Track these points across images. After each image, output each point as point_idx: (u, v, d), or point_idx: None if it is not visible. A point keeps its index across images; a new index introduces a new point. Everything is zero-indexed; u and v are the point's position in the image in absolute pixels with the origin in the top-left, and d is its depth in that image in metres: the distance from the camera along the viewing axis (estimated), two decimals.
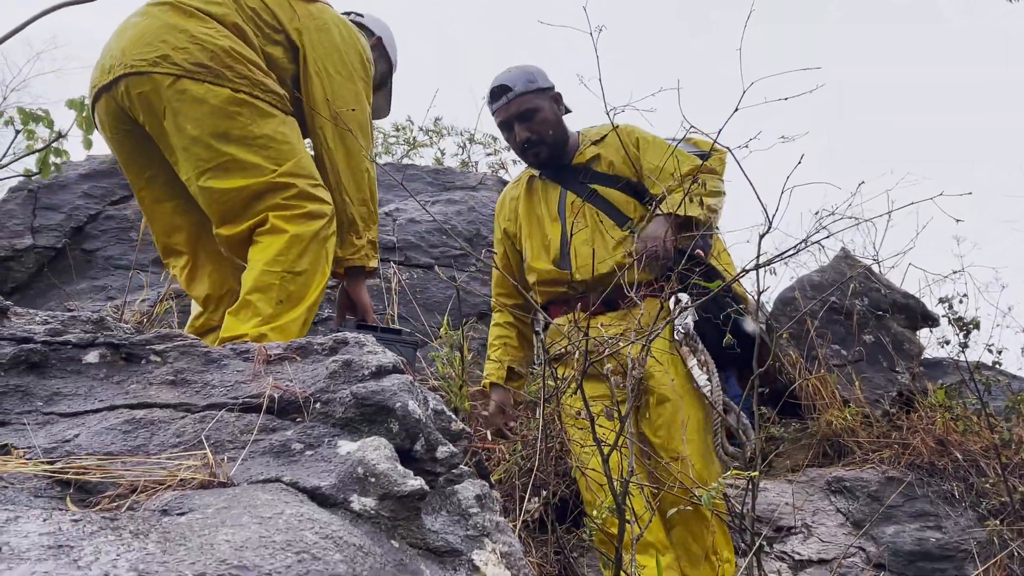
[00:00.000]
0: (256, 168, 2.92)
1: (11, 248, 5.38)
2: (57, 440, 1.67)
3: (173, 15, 2.98)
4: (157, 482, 1.52)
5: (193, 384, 1.90)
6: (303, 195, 2.96)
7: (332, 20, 3.25)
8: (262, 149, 2.94)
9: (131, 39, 2.95)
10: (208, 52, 2.92)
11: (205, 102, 2.88)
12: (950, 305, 4.90)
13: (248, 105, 2.94)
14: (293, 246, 2.87)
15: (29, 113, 4.74)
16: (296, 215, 2.92)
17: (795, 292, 6.46)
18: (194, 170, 2.93)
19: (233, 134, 2.90)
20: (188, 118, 2.89)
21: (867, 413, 5.46)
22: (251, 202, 2.93)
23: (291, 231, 2.88)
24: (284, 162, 2.96)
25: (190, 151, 2.91)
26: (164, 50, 2.88)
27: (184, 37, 2.91)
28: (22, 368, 1.88)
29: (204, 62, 2.90)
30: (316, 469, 1.62)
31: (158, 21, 2.96)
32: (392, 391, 1.82)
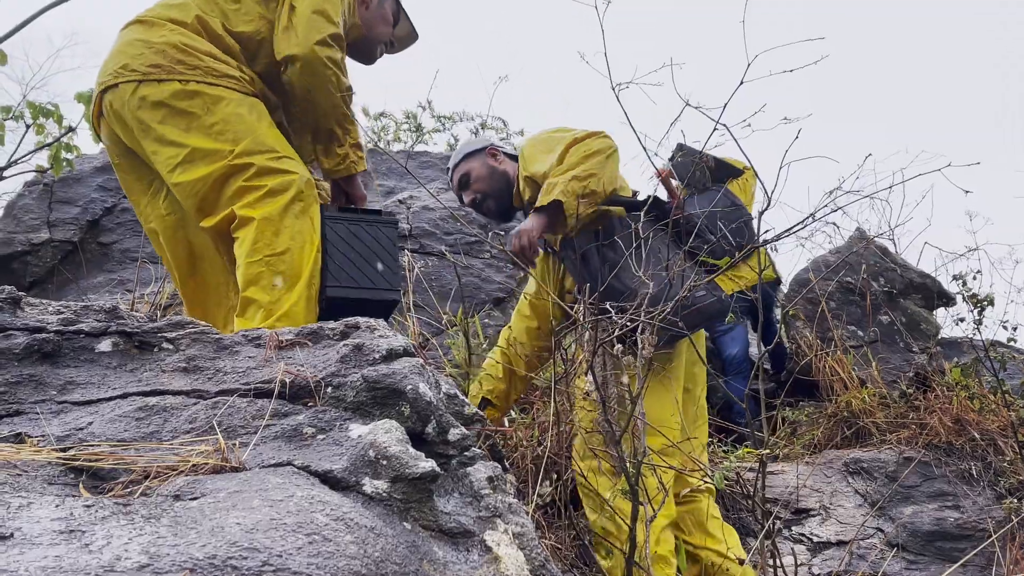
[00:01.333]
0: (216, 154, 2.96)
1: (28, 242, 5.40)
2: (70, 428, 1.68)
3: (136, 30, 3.10)
4: (170, 468, 1.53)
5: (205, 371, 1.91)
6: (262, 171, 2.98)
7: None
8: (219, 135, 2.98)
9: (104, 62, 3.09)
10: (159, 51, 3.01)
11: (161, 103, 2.97)
12: (964, 282, 4.88)
13: (200, 95, 3.00)
14: (265, 229, 2.90)
15: (39, 108, 4.77)
16: (258, 198, 2.95)
17: (809, 273, 6.43)
18: (165, 169, 3.00)
19: (191, 126, 2.98)
20: (150, 121, 2.98)
21: (884, 394, 5.44)
22: (219, 188, 2.98)
23: (257, 216, 2.91)
24: (240, 141, 2.99)
25: (159, 153, 3.00)
26: (123, 60, 3.01)
27: (141, 44, 3.03)
28: (35, 358, 1.89)
29: (157, 62, 2.99)
30: (328, 453, 1.63)
31: (124, 38, 3.09)
32: (403, 374, 1.82)
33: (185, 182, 2.97)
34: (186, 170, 2.96)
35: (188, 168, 2.96)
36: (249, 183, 2.96)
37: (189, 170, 2.96)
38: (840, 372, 5.70)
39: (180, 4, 3.14)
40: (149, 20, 3.11)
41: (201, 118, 2.98)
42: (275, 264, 2.88)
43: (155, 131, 2.98)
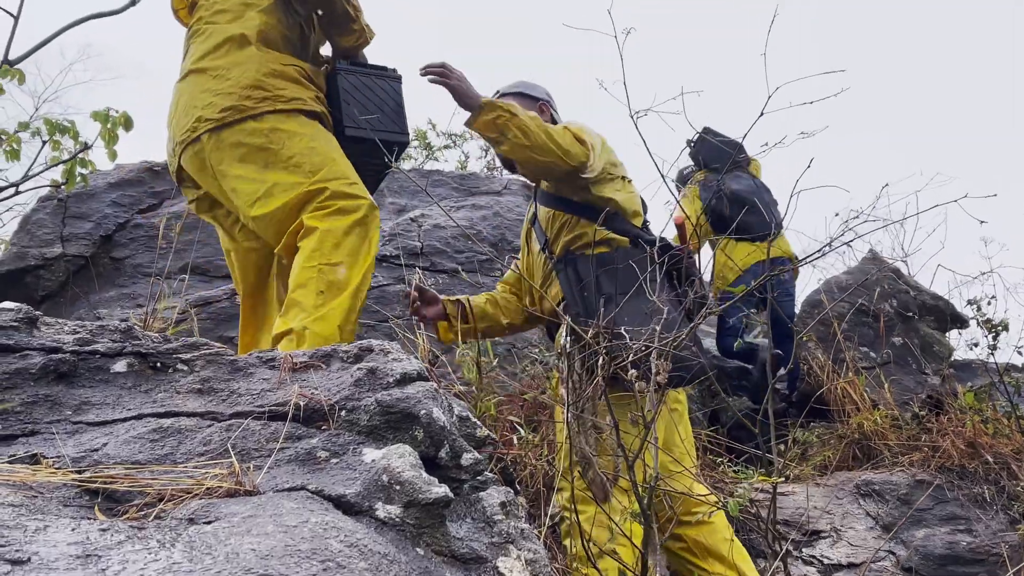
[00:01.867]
0: (293, 185, 3.12)
1: (41, 257, 5.42)
2: (85, 449, 1.69)
3: (198, 82, 3.24)
4: (184, 491, 1.53)
5: (220, 392, 1.91)
6: (335, 195, 3.12)
7: None
8: (296, 168, 3.14)
9: (174, 121, 3.26)
10: (227, 96, 3.15)
11: (239, 143, 3.14)
12: (978, 307, 4.86)
13: (276, 131, 3.16)
14: (326, 240, 3.03)
15: (56, 124, 4.79)
16: (327, 213, 3.08)
17: (822, 295, 6.42)
18: (245, 204, 3.16)
19: (269, 161, 3.14)
20: (231, 161, 3.14)
21: (896, 416, 5.42)
22: (296, 213, 3.12)
23: (321, 227, 3.04)
24: (317, 171, 3.14)
25: (239, 191, 3.16)
26: (196, 113, 3.16)
27: (207, 96, 3.18)
28: (51, 378, 1.90)
29: (228, 104, 3.14)
30: (341, 477, 1.63)
31: (188, 93, 3.23)
32: (417, 398, 1.82)
33: (264, 214, 3.13)
34: (266, 203, 3.12)
35: (267, 200, 3.12)
36: (321, 203, 3.10)
37: (269, 202, 3.12)
38: (852, 393, 5.68)
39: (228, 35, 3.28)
40: (202, 68, 3.25)
41: (278, 152, 3.14)
42: (327, 273, 3.00)
43: (235, 170, 3.15)
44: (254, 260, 3.41)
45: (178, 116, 3.26)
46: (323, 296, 2.96)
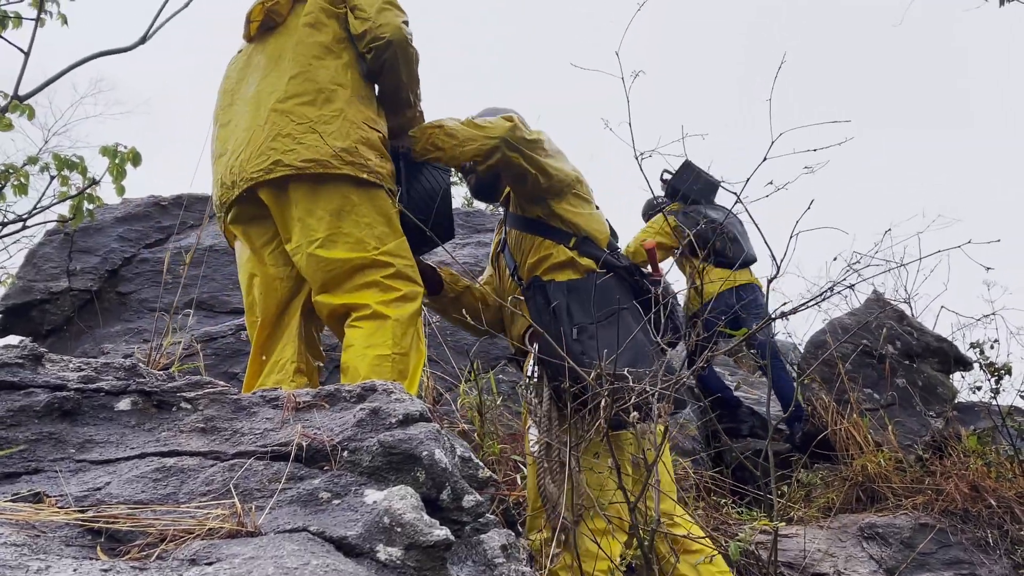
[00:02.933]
0: (361, 243, 3.23)
1: (47, 291, 5.45)
2: (89, 488, 1.69)
3: (276, 121, 3.28)
4: (186, 531, 1.53)
5: (223, 432, 1.92)
6: (399, 275, 3.27)
7: None
8: (368, 228, 3.25)
9: (238, 154, 3.31)
10: (314, 149, 3.22)
11: (320, 184, 3.22)
12: (981, 350, 4.86)
13: (356, 191, 3.26)
14: (397, 330, 3.16)
15: (64, 160, 4.82)
16: (394, 299, 3.22)
17: (827, 335, 6.42)
18: (305, 239, 3.22)
19: (344, 210, 3.23)
20: (305, 196, 3.23)
21: (900, 458, 5.40)
22: (353, 274, 3.22)
23: (392, 316, 3.17)
24: (387, 242, 3.28)
25: (304, 222, 3.22)
26: (275, 156, 3.22)
27: (290, 140, 3.24)
28: (56, 415, 1.91)
29: (317, 159, 3.21)
30: (343, 518, 1.63)
31: (268, 134, 3.27)
32: (419, 439, 1.83)
33: (324, 257, 3.20)
34: (329, 248, 3.20)
35: (331, 246, 3.20)
36: (387, 281, 3.23)
37: (332, 249, 3.20)
38: (856, 435, 5.67)
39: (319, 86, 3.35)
40: (292, 114, 3.30)
41: (357, 207, 3.25)
42: (398, 363, 3.13)
43: (306, 204, 3.23)
44: (278, 289, 3.42)
45: (248, 152, 3.29)
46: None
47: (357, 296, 3.23)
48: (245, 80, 3.49)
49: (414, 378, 3.19)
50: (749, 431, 6.39)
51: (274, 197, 3.27)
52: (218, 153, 3.45)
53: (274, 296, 3.41)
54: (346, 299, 3.23)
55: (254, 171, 3.24)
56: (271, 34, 3.49)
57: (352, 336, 3.18)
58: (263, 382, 3.26)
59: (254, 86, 3.41)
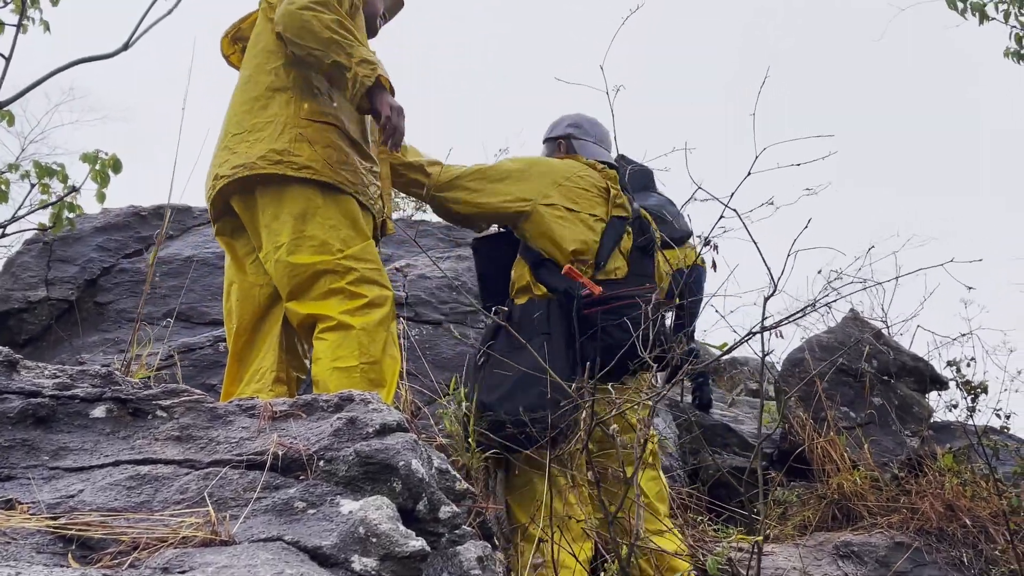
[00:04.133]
0: (325, 246, 3.20)
1: (25, 300, 5.41)
2: (61, 495, 1.68)
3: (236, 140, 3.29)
4: (159, 539, 1.52)
5: (198, 440, 1.91)
6: (364, 280, 3.22)
7: None
8: (333, 230, 3.22)
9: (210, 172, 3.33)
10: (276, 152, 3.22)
11: (284, 189, 3.22)
12: (958, 368, 4.88)
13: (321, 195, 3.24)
14: (363, 338, 3.12)
15: (45, 167, 4.80)
16: (360, 307, 3.17)
17: (804, 353, 6.44)
18: (272, 244, 3.22)
19: (308, 213, 3.21)
20: (271, 202, 3.22)
21: (876, 476, 5.42)
22: (316, 279, 3.20)
23: (357, 325, 3.13)
24: (352, 245, 3.24)
25: (271, 227, 3.22)
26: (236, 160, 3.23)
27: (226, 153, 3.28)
28: (30, 422, 1.89)
29: (240, 163, 3.22)
30: (318, 528, 1.62)
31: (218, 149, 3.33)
32: (396, 449, 1.83)
33: (288, 262, 3.18)
34: (292, 252, 3.18)
35: (296, 251, 3.18)
36: (352, 288, 3.19)
37: (296, 253, 3.18)
38: (832, 453, 5.68)
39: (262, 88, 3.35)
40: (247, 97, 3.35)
41: (320, 209, 3.22)
42: (368, 372, 3.09)
43: (272, 209, 3.22)
44: (255, 296, 3.40)
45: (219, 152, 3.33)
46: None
47: (322, 306, 3.20)
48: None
49: (390, 387, 3.16)
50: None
51: (244, 206, 3.29)
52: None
53: (251, 303, 3.39)
54: (312, 308, 3.21)
55: (207, 190, 3.33)
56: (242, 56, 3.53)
57: (319, 349, 3.17)
58: (242, 390, 3.25)
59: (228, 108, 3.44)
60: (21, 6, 4.85)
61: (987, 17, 6.13)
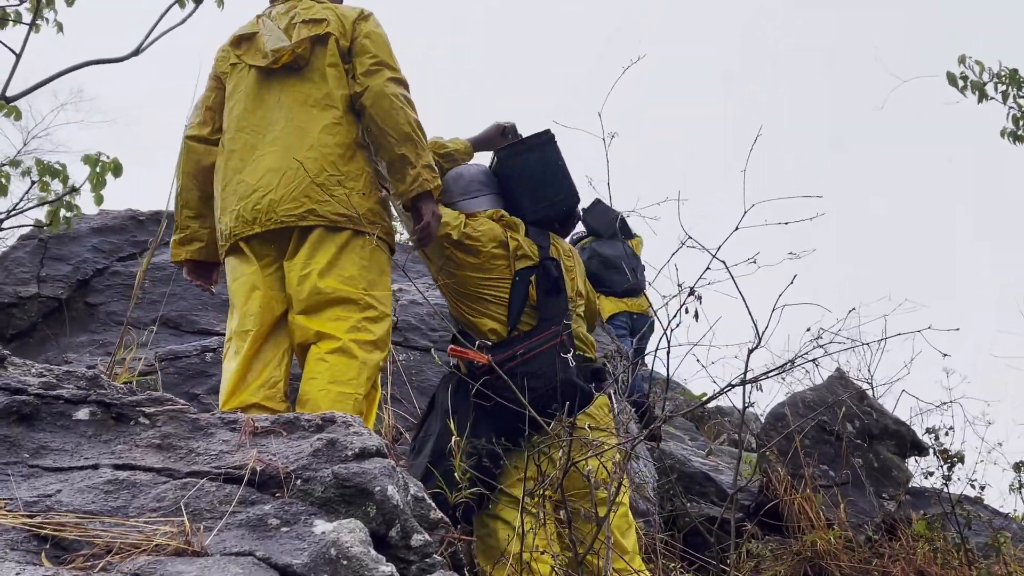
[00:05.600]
0: (352, 280, 3.39)
1: (15, 295, 5.41)
2: (39, 494, 1.69)
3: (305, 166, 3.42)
4: (132, 545, 1.54)
5: (178, 450, 1.92)
6: (377, 320, 3.42)
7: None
8: (363, 270, 3.43)
9: (279, 195, 3.41)
10: (343, 204, 3.41)
11: (337, 237, 3.41)
12: (936, 436, 4.91)
13: (365, 241, 3.45)
14: (363, 372, 3.28)
15: (47, 166, 4.83)
16: (367, 342, 3.34)
17: (786, 408, 6.46)
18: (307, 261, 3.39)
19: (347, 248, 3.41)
20: (320, 241, 3.40)
21: (850, 537, 5.43)
22: (335, 303, 3.36)
23: (360, 358, 3.29)
24: (375, 289, 3.45)
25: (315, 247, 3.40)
26: (310, 205, 3.39)
27: (322, 194, 3.41)
28: (12, 419, 1.91)
29: (341, 212, 3.41)
30: (290, 547, 1.64)
31: (300, 178, 3.41)
32: (373, 474, 1.84)
33: (315, 284, 3.34)
34: (323, 276, 3.35)
35: (325, 276, 3.35)
36: (365, 322, 3.37)
37: (325, 278, 3.35)
38: (808, 510, 5.69)
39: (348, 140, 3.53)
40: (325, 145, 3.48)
41: (359, 249, 3.43)
42: (359, 404, 3.26)
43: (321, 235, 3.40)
44: (273, 308, 3.49)
45: (281, 192, 3.41)
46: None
47: (333, 327, 3.31)
48: (262, 114, 3.57)
49: (369, 422, 3.30)
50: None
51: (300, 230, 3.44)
52: (232, 182, 3.52)
53: (270, 314, 3.46)
54: (321, 326, 3.32)
55: (286, 215, 3.39)
56: (293, 75, 3.57)
57: (317, 368, 3.25)
58: (250, 396, 3.32)
59: (279, 125, 3.51)
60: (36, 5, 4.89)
61: (986, 96, 6.21)
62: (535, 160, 3.79)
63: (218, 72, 3.78)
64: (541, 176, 3.76)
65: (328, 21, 3.59)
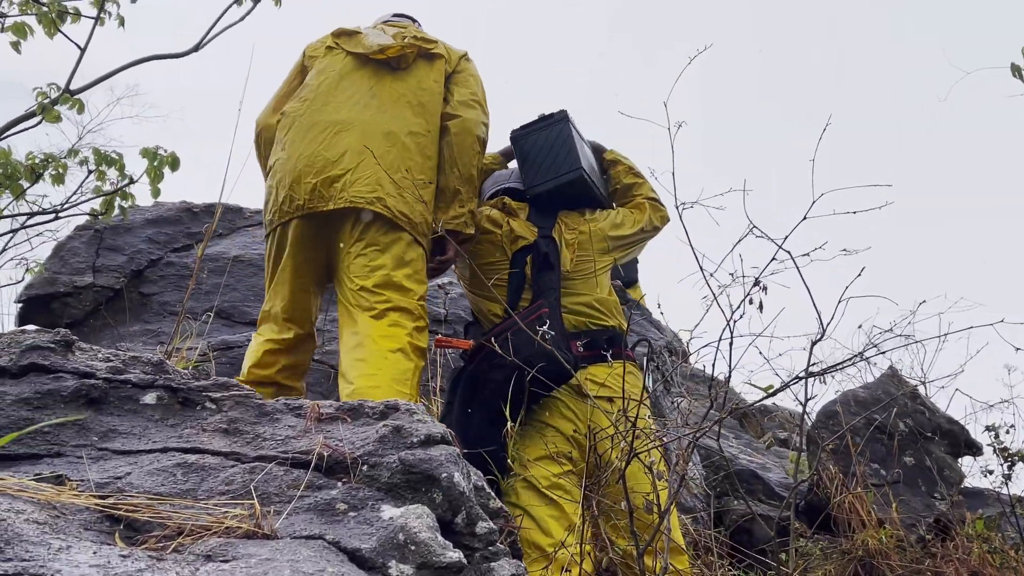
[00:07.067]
0: (407, 291, 3.49)
1: (71, 284, 5.47)
2: (109, 476, 1.71)
3: (394, 154, 3.56)
4: (203, 527, 1.54)
5: (245, 434, 1.93)
6: (425, 329, 3.54)
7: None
8: (418, 284, 3.56)
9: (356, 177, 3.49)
10: (408, 204, 3.52)
11: (399, 238, 3.52)
12: (996, 434, 4.83)
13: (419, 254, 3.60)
14: (416, 376, 3.41)
15: (104, 155, 4.87)
16: (422, 349, 3.47)
17: (837, 406, 6.39)
18: (371, 262, 3.49)
19: (406, 260, 3.52)
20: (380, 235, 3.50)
21: (902, 537, 5.36)
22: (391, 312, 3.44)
23: (415, 363, 3.40)
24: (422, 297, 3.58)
25: (367, 254, 3.49)
26: (380, 192, 3.47)
27: (394, 186, 3.49)
28: (82, 402, 1.93)
29: (403, 210, 3.51)
30: (358, 531, 1.64)
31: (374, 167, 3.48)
32: (439, 461, 1.84)
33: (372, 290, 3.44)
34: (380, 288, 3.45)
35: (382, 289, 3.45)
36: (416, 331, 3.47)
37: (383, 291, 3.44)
38: (859, 509, 5.63)
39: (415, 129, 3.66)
40: (407, 147, 3.61)
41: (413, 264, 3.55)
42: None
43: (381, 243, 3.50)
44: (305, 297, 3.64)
45: (358, 175, 3.49)
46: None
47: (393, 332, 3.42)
48: (348, 95, 3.67)
49: None
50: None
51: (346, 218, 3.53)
52: (307, 152, 3.56)
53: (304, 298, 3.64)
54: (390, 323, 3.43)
55: (357, 195, 3.46)
56: (390, 73, 3.71)
57: (380, 333, 3.38)
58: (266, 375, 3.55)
59: (367, 111, 3.62)
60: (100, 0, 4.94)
61: None
62: (543, 139, 3.88)
63: (305, 60, 3.89)
64: (547, 153, 3.85)
65: (439, 45, 3.82)
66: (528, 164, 3.91)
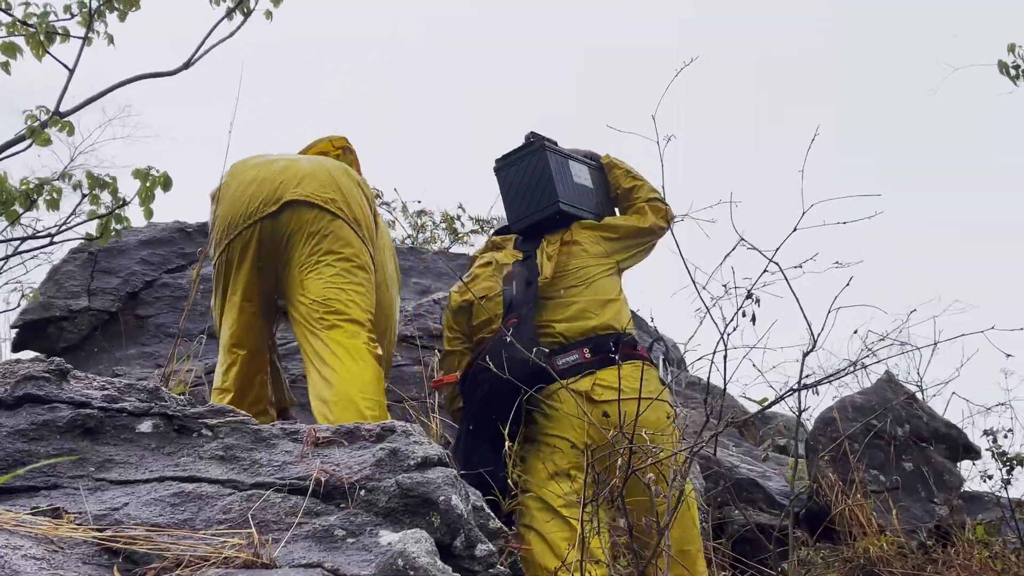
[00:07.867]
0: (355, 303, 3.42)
1: (67, 309, 5.46)
2: (107, 507, 1.70)
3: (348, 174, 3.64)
4: (202, 558, 1.54)
5: (242, 461, 1.93)
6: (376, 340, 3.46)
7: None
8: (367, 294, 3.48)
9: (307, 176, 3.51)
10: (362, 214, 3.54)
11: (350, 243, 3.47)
12: (994, 438, 4.83)
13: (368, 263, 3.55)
14: (380, 381, 3.34)
15: (97, 179, 4.86)
16: (379, 355, 3.38)
17: (834, 412, 6.38)
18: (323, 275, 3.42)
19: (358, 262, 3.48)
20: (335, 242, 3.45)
21: (903, 543, 5.35)
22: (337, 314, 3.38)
23: (374, 369, 3.32)
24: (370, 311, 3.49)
25: (324, 260, 3.43)
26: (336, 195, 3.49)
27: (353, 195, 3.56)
28: (77, 432, 1.93)
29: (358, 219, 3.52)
30: (357, 558, 1.64)
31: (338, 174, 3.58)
32: (436, 484, 1.84)
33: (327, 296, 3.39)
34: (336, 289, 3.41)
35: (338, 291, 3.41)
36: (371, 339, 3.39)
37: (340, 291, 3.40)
38: (860, 516, 5.62)
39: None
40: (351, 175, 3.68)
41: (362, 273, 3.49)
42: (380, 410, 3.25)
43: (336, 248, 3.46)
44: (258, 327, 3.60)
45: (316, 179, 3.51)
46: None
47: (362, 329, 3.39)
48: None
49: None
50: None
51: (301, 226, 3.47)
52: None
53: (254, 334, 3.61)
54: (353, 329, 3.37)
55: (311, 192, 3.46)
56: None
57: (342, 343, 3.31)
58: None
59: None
60: (88, 19, 4.94)
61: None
62: (522, 170, 3.86)
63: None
64: (526, 187, 3.83)
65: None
66: (510, 198, 3.89)
